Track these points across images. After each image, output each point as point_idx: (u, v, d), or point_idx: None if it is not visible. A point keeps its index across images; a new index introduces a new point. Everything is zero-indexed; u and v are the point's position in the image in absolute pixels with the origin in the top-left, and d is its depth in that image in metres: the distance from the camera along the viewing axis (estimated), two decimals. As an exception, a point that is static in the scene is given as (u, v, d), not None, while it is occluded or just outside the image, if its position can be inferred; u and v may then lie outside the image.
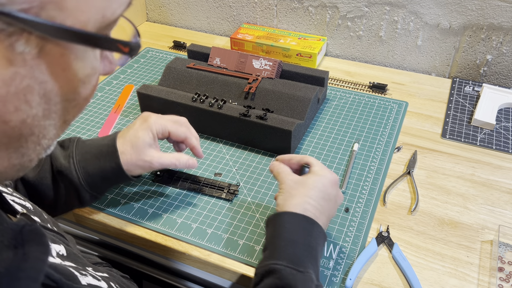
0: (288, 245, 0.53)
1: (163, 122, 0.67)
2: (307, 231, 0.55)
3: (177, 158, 0.67)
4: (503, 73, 1.00)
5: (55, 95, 0.29)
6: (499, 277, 0.61)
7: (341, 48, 1.14)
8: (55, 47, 0.27)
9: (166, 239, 0.67)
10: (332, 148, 0.83)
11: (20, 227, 0.31)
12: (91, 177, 0.63)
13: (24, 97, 0.27)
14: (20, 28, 0.24)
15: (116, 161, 0.63)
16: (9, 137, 0.28)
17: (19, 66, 0.25)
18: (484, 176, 0.77)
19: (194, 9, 1.26)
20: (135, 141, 0.64)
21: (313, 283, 0.51)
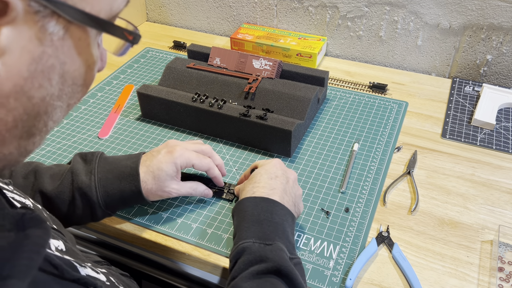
0: (252, 224, 0.57)
1: (188, 156, 0.67)
2: (266, 209, 0.58)
3: (194, 188, 0.69)
4: (503, 73, 1.00)
5: (69, 76, 0.32)
6: (499, 277, 0.61)
7: (341, 48, 1.14)
8: (76, 31, 0.31)
9: (166, 239, 0.67)
10: (332, 148, 0.83)
11: (21, 215, 0.32)
12: (109, 197, 0.64)
13: (48, 75, 0.30)
14: (52, 11, 0.28)
15: (137, 185, 0.64)
16: (28, 115, 0.31)
17: (47, 46, 0.29)
18: (484, 176, 0.77)
19: (194, 9, 1.26)
20: (158, 173, 0.64)
21: (284, 252, 0.54)
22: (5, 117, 0.30)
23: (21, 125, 0.31)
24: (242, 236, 0.56)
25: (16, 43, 0.27)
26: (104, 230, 0.71)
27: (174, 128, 0.89)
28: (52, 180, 0.64)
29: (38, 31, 0.28)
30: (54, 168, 0.66)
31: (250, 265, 0.52)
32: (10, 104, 0.29)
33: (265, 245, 0.54)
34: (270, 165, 0.65)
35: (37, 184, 0.63)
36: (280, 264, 0.51)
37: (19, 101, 0.30)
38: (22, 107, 0.30)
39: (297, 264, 0.55)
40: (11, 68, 0.28)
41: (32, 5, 0.27)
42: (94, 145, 0.85)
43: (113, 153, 0.83)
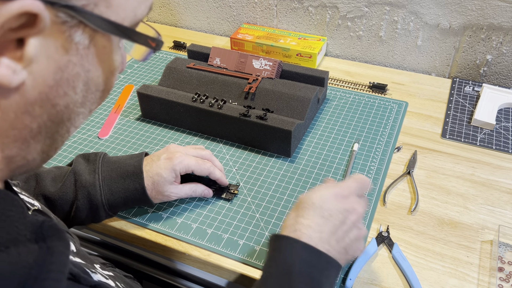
0: (283, 276, 0.48)
1: (187, 162, 0.67)
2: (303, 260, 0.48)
3: (193, 190, 0.70)
4: (503, 73, 1.00)
5: (93, 83, 0.33)
6: (499, 277, 0.61)
7: (341, 48, 1.14)
8: (101, 39, 0.31)
9: (166, 239, 0.67)
10: (332, 148, 0.83)
11: (40, 222, 0.32)
12: (113, 195, 0.64)
13: (72, 83, 0.31)
14: (79, 21, 0.29)
15: (141, 183, 0.64)
16: (52, 121, 0.32)
17: (73, 55, 0.30)
18: (484, 176, 0.77)
19: (194, 9, 1.26)
20: (157, 179, 0.65)
21: None
22: (30, 124, 0.30)
23: (45, 131, 0.32)
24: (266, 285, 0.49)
25: (43, 52, 0.28)
26: (104, 230, 0.71)
27: (174, 128, 0.89)
28: (54, 182, 0.64)
29: (64, 41, 0.29)
30: (55, 170, 0.66)
31: None
32: (35, 112, 0.30)
33: None
34: (333, 196, 0.53)
35: (39, 188, 0.63)
36: None
37: (44, 109, 0.30)
38: (46, 114, 0.31)
39: None
40: (37, 77, 0.29)
41: (60, 15, 0.28)
42: (94, 145, 0.85)
43: (113, 153, 0.83)
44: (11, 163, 0.32)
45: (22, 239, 0.29)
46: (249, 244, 0.66)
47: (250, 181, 0.76)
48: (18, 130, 0.30)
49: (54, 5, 0.27)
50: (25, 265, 0.28)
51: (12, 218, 0.30)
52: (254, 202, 0.73)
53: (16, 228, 0.29)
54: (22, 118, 0.30)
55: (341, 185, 0.55)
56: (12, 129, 0.30)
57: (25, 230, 0.30)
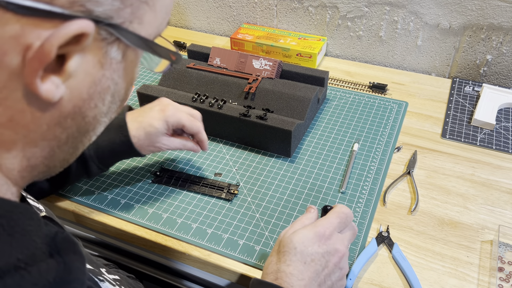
0: None
1: (180, 116, 0.69)
2: None
3: (183, 144, 0.71)
4: (503, 73, 1.00)
5: (118, 95, 0.34)
6: (499, 277, 0.61)
7: (341, 48, 1.14)
8: (131, 54, 0.32)
9: (166, 239, 0.67)
10: (332, 148, 0.83)
11: (53, 234, 0.32)
12: (100, 148, 0.66)
13: (103, 96, 0.32)
14: (116, 37, 0.30)
15: (125, 134, 0.66)
16: (79, 132, 0.33)
17: (106, 69, 0.31)
18: (484, 176, 0.77)
19: (194, 9, 1.26)
20: (150, 130, 0.67)
21: None
22: (60, 135, 0.31)
23: (71, 141, 0.33)
24: None
25: (81, 68, 0.29)
26: (104, 230, 0.71)
27: (174, 128, 0.89)
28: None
29: (101, 57, 0.30)
30: None
31: None
32: (66, 123, 0.31)
33: None
34: (314, 238, 0.51)
35: None
36: None
37: (75, 121, 0.31)
38: (76, 126, 0.32)
39: None
40: (73, 90, 0.29)
41: (101, 33, 0.29)
42: (94, 145, 0.85)
43: (113, 153, 0.83)
44: (34, 170, 0.32)
45: (39, 253, 0.29)
46: (249, 244, 0.66)
47: (250, 181, 0.76)
48: (47, 141, 0.31)
49: (99, 23, 0.28)
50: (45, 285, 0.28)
51: (30, 233, 0.30)
52: (254, 202, 0.73)
53: (34, 243, 0.29)
54: (54, 129, 0.30)
55: (323, 223, 0.53)
56: (42, 140, 0.31)
57: (41, 244, 0.30)
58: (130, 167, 0.80)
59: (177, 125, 0.69)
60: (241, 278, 0.63)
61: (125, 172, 0.78)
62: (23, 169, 0.32)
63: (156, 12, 0.32)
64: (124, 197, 0.74)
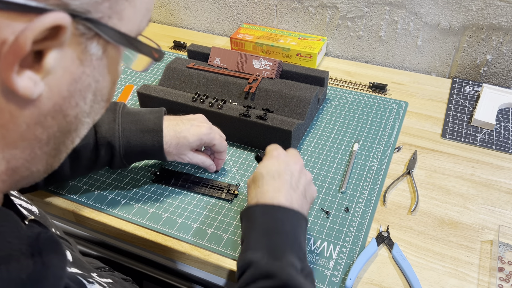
0: (261, 236, 0.54)
1: (213, 136, 0.72)
2: (275, 218, 0.55)
3: (203, 161, 0.74)
4: (503, 73, 1.00)
5: (100, 94, 0.33)
6: (499, 277, 0.61)
7: (341, 48, 1.14)
8: (112, 51, 0.32)
9: (166, 239, 0.67)
10: (332, 148, 0.83)
11: (36, 234, 0.31)
12: (131, 148, 0.68)
13: (84, 94, 0.31)
14: (95, 33, 0.29)
15: (159, 140, 0.68)
16: (61, 132, 0.32)
17: (87, 66, 0.30)
18: (484, 176, 0.77)
19: (194, 9, 1.26)
20: (183, 142, 0.69)
21: (294, 268, 0.51)
22: (41, 135, 0.30)
23: (53, 141, 0.32)
24: (250, 246, 0.53)
25: (60, 64, 0.28)
26: (105, 230, 0.71)
27: (174, 128, 0.89)
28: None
29: (80, 53, 0.29)
30: None
31: (256, 279, 0.50)
32: (47, 122, 0.30)
33: (274, 261, 0.51)
34: (271, 161, 0.60)
35: None
36: (288, 280, 0.49)
37: (55, 120, 0.30)
38: (57, 125, 0.31)
39: (308, 276, 0.53)
40: (53, 88, 0.29)
41: (79, 27, 0.28)
42: (94, 145, 0.85)
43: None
44: (15, 174, 0.31)
45: (16, 254, 0.29)
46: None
47: (250, 181, 0.76)
48: (28, 142, 0.30)
49: (76, 17, 0.27)
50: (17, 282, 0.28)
51: (4, 234, 0.29)
52: (254, 202, 0.73)
53: (9, 244, 0.29)
54: (33, 129, 0.30)
55: (271, 153, 0.62)
56: (22, 140, 0.30)
57: (19, 244, 0.30)
58: (130, 167, 0.80)
59: (209, 143, 0.72)
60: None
61: (125, 172, 0.78)
62: (2, 173, 0.30)
63: (136, 8, 0.32)
64: (124, 197, 0.74)
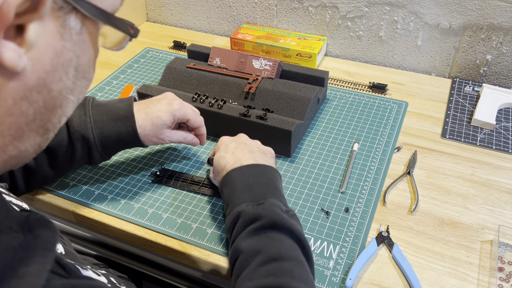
0: (243, 191, 0.59)
1: (186, 110, 0.72)
2: (251, 174, 0.61)
3: (184, 137, 0.75)
4: (503, 73, 1.00)
5: (81, 69, 0.34)
6: (499, 277, 0.61)
7: (341, 48, 1.14)
8: (90, 26, 0.33)
9: (166, 239, 0.67)
10: (332, 148, 0.83)
11: (25, 216, 0.33)
12: (106, 138, 0.67)
13: (66, 68, 0.32)
14: (72, 7, 0.30)
15: (132, 126, 0.68)
16: (47, 108, 0.32)
17: (67, 40, 0.31)
18: (484, 176, 0.77)
19: (194, 9, 1.26)
20: (156, 121, 0.70)
21: (278, 207, 0.56)
22: (27, 111, 0.31)
23: (39, 118, 0.32)
24: (235, 204, 0.59)
25: (41, 38, 0.29)
26: (104, 230, 0.71)
27: (174, 128, 0.89)
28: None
29: (59, 27, 0.30)
30: None
31: (246, 225, 0.55)
32: (32, 97, 0.31)
33: (258, 205, 0.56)
34: (221, 148, 0.68)
35: None
36: (275, 218, 0.54)
37: (40, 94, 0.31)
38: (42, 100, 0.31)
39: (293, 216, 0.58)
40: (36, 62, 0.30)
41: (57, 1, 0.29)
42: (94, 145, 0.85)
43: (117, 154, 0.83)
44: (3, 153, 0.32)
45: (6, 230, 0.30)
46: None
47: (250, 181, 0.76)
48: (14, 117, 0.30)
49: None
50: (9, 248, 0.29)
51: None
52: (254, 202, 0.73)
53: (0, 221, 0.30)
54: (20, 104, 0.30)
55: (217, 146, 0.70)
56: (9, 115, 0.30)
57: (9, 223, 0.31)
58: (130, 167, 0.80)
59: (183, 118, 0.72)
60: (241, 278, 0.63)
61: (125, 172, 0.78)
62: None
63: None
64: (124, 197, 0.74)
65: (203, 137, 0.77)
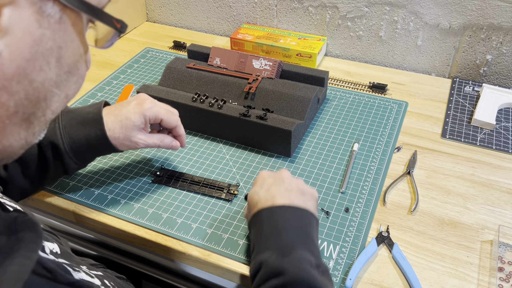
0: (270, 235, 0.54)
1: (157, 110, 0.68)
2: (282, 216, 0.55)
3: (161, 139, 0.70)
4: (503, 73, 1.00)
5: (65, 62, 0.33)
6: (499, 277, 0.61)
7: (341, 48, 1.14)
8: (71, 15, 0.32)
9: (166, 239, 0.67)
10: (332, 148, 0.83)
11: (13, 218, 0.32)
12: (76, 143, 0.65)
13: (47, 58, 0.31)
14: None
15: (101, 129, 0.65)
16: (29, 100, 0.31)
17: (45, 28, 0.30)
18: (484, 176, 0.77)
19: (194, 9, 1.26)
20: (126, 123, 0.66)
21: (306, 262, 0.50)
22: (7, 102, 0.30)
23: (22, 111, 0.31)
24: (260, 249, 0.53)
25: (17, 24, 0.28)
26: (104, 230, 0.71)
27: (174, 128, 0.89)
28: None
29: (36, 13, 0.29)
30: None
31: (267, 278, 0.49)
32: (12, 88, 0.30)
33: (283, 258, 0.50)
34: (259, 181, 0.62)
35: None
36: (300, 276, 0.48)
37: (21, 85, 0.30)
38: (23, 91, 0.31)
39: (325, 272, 0.51)
40: (14, 49, 0.29)
41: None
42: (94, 145, 0.85)
43: (113, 153, 0.83)
44: None
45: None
46: (249, 244, 0.66)
47: (250, 181, 0.76)
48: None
49: None
50: None
51: None
52: (254, 202, 0.73)
53: None
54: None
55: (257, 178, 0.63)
56: None
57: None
58: (130, 167, 0.80)
59: (155, 119, 0.68)
60: (241, 278, 0.63)
61: (125, 172, 0.78)
62: None
63: None
64: (124, 197, 0.74)
65: (182, 138, 0.73)
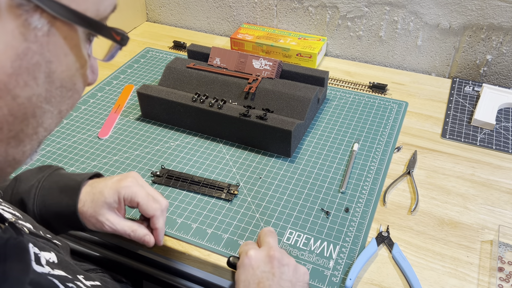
0: None
1: (135, 190, 0.59)
2: None
3: (133, 229, 0.60)
4: (503, 73, 1.00)
5: (57, 77, 0.31)
6: (499, 277, 0.61)
7: (341, 48, 1.14)
8: (62, 28, 0.29)
9: (166, 239, 0.67)
10: (332, 148, 0.83)
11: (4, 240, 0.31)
12: (46, 208, 0.58)
13: (33, 73, 0.29)
14: (35, 5, 0.27)
15: (74, 198, 0.57)
16: (14, 116, 0.29)
17: (31, 42, 0.28)
18: (484, 176, 0.77)
19: (194, 9, 1.26)
20: (98, 197, 0.58)
21: None
22: None
23: (7, 128, 0.29)
24: None
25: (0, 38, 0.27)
26: (104, 230, 0.71)
27: (174, 128, 0.89)
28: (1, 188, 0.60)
29: (21, 26, 0.27)
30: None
31: None
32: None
33: None
34: (245, 272, 0.54)
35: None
36: None
37: (3, 100, 0.28)
38: (6, 107, 0.28)
39: None
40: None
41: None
42: (94, 145, 0.85)
43: (113, 153, 0.83)
44: None
45: None
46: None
47: (250, 181, 0.76)
48: None
49: None
50: None
51: None
52: (254, 202, 0.73)
53: None
54: None
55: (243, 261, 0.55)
56: None
57: None
58: (130, 167, 0.80)
59: (130, 200, 0.59)
60: (241, 278, 0.63)
61: (125, 172, 0.78)
62: None
63: None
64: (124, 197, 0.74)
65: (158, 232, 0.61)
